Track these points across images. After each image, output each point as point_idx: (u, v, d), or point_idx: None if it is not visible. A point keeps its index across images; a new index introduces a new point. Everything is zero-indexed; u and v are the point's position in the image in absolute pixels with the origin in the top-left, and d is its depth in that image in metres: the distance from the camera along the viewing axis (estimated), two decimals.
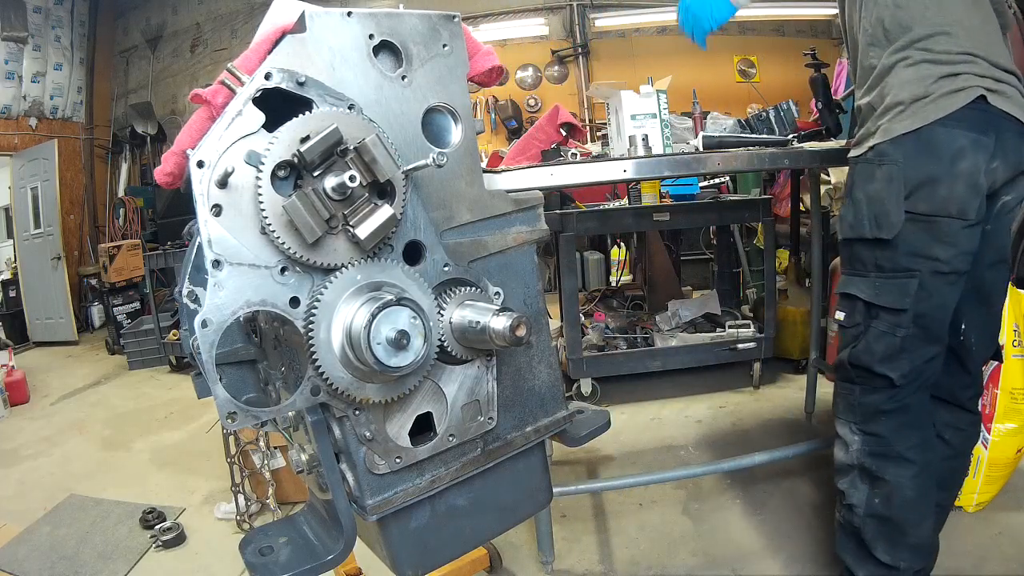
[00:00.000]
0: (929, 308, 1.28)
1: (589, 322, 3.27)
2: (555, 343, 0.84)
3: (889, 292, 1.29)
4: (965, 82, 1.20)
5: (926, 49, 1.23)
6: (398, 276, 0.66)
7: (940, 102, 1.21)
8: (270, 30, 0.67)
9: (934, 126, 1.21)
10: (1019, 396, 1.82)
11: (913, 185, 1.23)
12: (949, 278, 1.28)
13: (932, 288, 1.27)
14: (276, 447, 2.16)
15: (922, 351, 1.31)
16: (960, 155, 1.21)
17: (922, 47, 1.23)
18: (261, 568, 0.72)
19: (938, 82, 1.21)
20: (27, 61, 6.37)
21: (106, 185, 7.43)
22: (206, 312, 0.58)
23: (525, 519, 0.87)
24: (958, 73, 1.21)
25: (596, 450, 2.52)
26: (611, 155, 2.01)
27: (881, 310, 1.30)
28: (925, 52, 1.23)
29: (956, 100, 1.20)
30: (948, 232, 1.24)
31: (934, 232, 1.24)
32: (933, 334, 1.31)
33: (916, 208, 1.23)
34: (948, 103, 1.20)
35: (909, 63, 1.24)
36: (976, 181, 1.22)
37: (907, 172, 1.23)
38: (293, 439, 0.77)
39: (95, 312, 6.40)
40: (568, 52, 7.04)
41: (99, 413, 3.90)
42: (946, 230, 1.24)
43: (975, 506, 1.89)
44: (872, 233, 1.28)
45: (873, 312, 1.32)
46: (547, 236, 0.82)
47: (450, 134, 0.74)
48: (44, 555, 2.22)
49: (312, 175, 0.62)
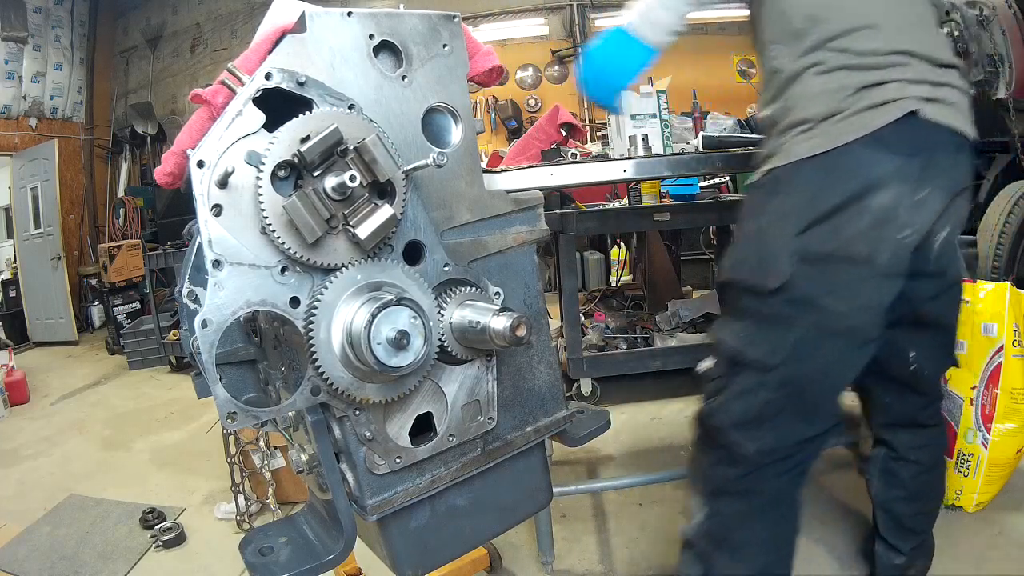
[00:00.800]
0: (806, 373, 1.01)
1: (589, 322, 3.27)
2: (555, 343, 0.84)
3: (760, 342, 1.02)
4: (894, 93, 0.94)
5: (844, 50, 0.96)
6: (398, 276, 0.67)
7: (857, 119, 0.94)
8: (270, 30, 0.67)
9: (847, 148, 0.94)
10: (1019, 396, 1.82)
11: (811, 219, 0.96)
12: (840, 341, 1.01)
13: (815, 348, 1.00)
14: (276, 447, 2.16)
15: (793, 428, 1.04)
16: (876, 186, 0.94)
17: (839, 47, 0.96)
18: (261, 568, 0.72)
19: (857, 94, 0.95)
20: (27, 61, 6.37)
21: (106, 185, 7.43)
22: (206, 312, 0.58)
23: (525, 519, 0.87)
24: (885, 81, 0.95)
25: (596, 450, 2.52)
26: (611, 155, 2.01)
27: (747, 364, 1.03)
28: (843, 54, 0.96)
29: (878, 116, 0.94)
30: (846, 280, 0.98)
31: (828, 277, 0.98)
32: (808, 409, 1.04)
33: (809, 247, 0.96)
34: (868, 120, 0.94)
35: (821, 69, 0.97)
36: (893, 218, 0.95)
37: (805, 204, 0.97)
38: (293, 439, 0.77)
39: (95, 312, 6.40)
40: (568, 52, 7.04)
41: (99, 413, 3.90)
42: (844, 277, 0.97)
43: (975, 506, 1.89)
44: (753, 279, 1.02)
45: (738, 365, 1.04)
46: (547, 236, 0.82)
47: (450, 134, 0.74)
48: (44, 555, 2.22)
49: (312, 175, 0.62)
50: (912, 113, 0.94)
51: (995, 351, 1.84)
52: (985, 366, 1.86)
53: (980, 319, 1.86)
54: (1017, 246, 2.91)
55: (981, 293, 1.87)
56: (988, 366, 1.86)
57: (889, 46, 0.96)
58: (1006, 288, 1.85)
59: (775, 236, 0.99)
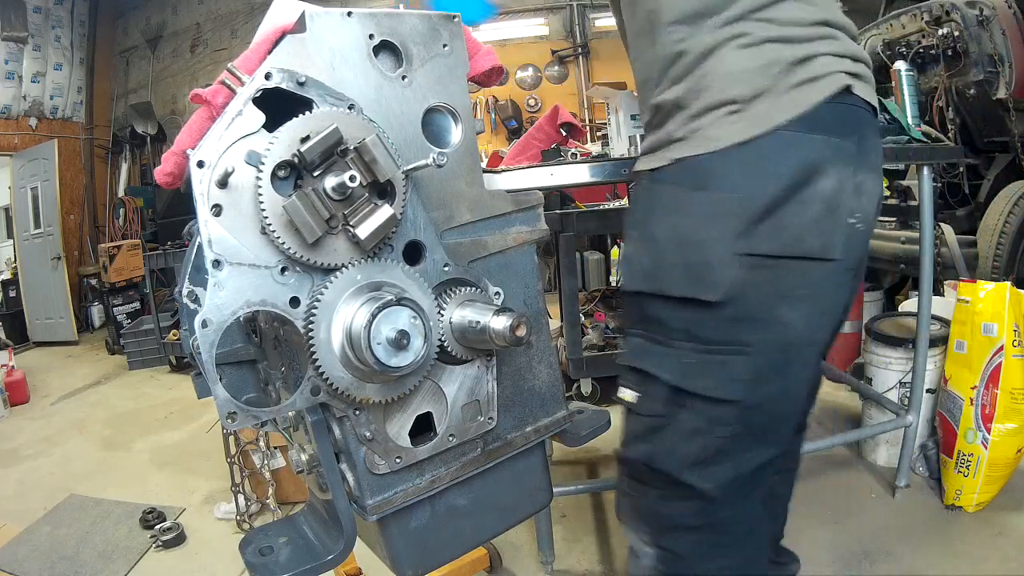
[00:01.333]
0: (769, 398, 0.87)
1: (589, 322, 3.27)
2: (555, 343, 0.83)
3: (706, 374, 0.85)
4: (824, 67, 0.83)
5: (769, 20, 0.83)
6: (398, 276, 0.66)
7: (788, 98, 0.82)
8: (270, 30, 0.67)
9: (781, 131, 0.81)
10: (1019, 396, 1.82)
11: (751, 217, 0.81)
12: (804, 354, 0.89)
13: (775, 370, 0.86)
14: (276, 447, 2.16)
15: (755, 454, 0.90)
16: (818, 170, 0.82)
17: (763, 17, 0.83)
18: (261, 568, 0.72)
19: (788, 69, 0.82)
20: (27, 61, 6.37)
21: (106, 185, 7.43)
22: (206, 312, 0.58)
23: (525, 519, 0.87)
24: (814, 55, 0.83)
25: (596, 450, 2.52)
26: (611, 155, 2.01)
27: (692, 398, 0.86)
28: (768, 25, 0.83)
29: (812, 93, 0.82)
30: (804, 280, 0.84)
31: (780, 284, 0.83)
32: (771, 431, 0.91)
33: (754, 250, 0.81)
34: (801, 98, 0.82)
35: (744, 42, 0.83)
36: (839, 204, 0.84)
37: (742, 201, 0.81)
38: (293, 439, 0.77)
39: (95, 312, 6.41)
40: (568, 52, 7.04)
41: (99, 413, 3.90)
42: (801, 279, 0.84)
43: (975, 506, 1.89)
44: (681, 291, 0.84)
45: (681, 401, 0.87)
46: (547, 236, 0.82)
47: (450, 134, 0.74)
48: (44, 555, 2.22)
49: (312, 175, 0.62)
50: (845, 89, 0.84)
51: (995, 351, 1.84)
52: (985, 366, 1.86)
53: (980, 319, 1.87)
54: (1017, 246, 2.91)
55: (981, 293, 1.87)
56: (988, 366, 1.86)
57: (814, 17, 0.84)
58: (1006, 288, 1.85)
59: (708, 240, 0.83)
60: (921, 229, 1.90)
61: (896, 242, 3.00)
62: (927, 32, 3.29)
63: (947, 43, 3.16)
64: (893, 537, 1.81)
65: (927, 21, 3.28)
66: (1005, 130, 3.26)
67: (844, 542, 1.82)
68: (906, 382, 2.12)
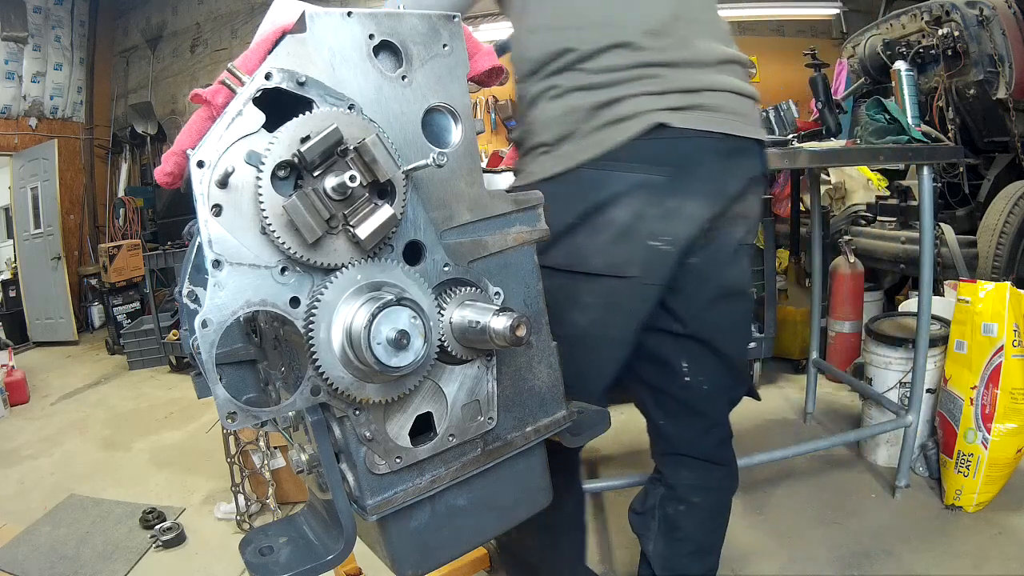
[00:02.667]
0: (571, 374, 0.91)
1: None
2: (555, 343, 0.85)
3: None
4: (632, 108, 0.93)
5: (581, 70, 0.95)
6: (398, 276, 0.66)
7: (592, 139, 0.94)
8: (270, 30, 0.67)
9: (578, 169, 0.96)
10: (1019, 396, 1.82)
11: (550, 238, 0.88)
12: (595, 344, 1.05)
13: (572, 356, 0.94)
14: (276, 447, 2.16)
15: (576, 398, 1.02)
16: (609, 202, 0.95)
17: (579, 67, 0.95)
18: (261, 568, 0.72)
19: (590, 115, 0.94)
20: (27, 61, 6.37)
21: (106, 185, 7.42)
22: (206, 312, 0.58)
23: (525, 519, 0.87)
24: (620, 98, 0.93)
25: (596, 450, 2.52)
26: None
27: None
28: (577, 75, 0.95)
29: (615, 134, 0.93)
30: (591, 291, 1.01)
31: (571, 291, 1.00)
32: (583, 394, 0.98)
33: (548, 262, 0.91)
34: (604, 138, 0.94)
35: (554, 94, 0.97)
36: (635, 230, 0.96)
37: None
38: (293, 439, 0.77)
39: (95, 312, 6.40)
40: None
41: (99, 413, 3.90)
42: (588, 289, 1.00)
43: (975, 506, 1.89)
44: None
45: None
46: (547, 236, 0.82)
47: (450, 134, 0.74)
48: (44, 555, 2.22)
49: (312, 175, 0.62)
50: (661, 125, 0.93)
51: (995, 351, 1.84)
52: (985, 366, 1.86)
53: (980, 319, 1.87)
54: (1017, 246, 2.91)
55: (981, 293, 1.87)
56: (988, 366, 1.86)
57: (634, 60, 0.93)
58: (1006, 288, 1.85)
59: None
60: (921, 229, 1.90)
61: (896, 242, 3.00)
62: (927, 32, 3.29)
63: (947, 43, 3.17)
64: (893, 537, 1.81)
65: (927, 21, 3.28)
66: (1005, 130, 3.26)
67: (844, 542, 1.82)
68: (906, 382, 2.12)
